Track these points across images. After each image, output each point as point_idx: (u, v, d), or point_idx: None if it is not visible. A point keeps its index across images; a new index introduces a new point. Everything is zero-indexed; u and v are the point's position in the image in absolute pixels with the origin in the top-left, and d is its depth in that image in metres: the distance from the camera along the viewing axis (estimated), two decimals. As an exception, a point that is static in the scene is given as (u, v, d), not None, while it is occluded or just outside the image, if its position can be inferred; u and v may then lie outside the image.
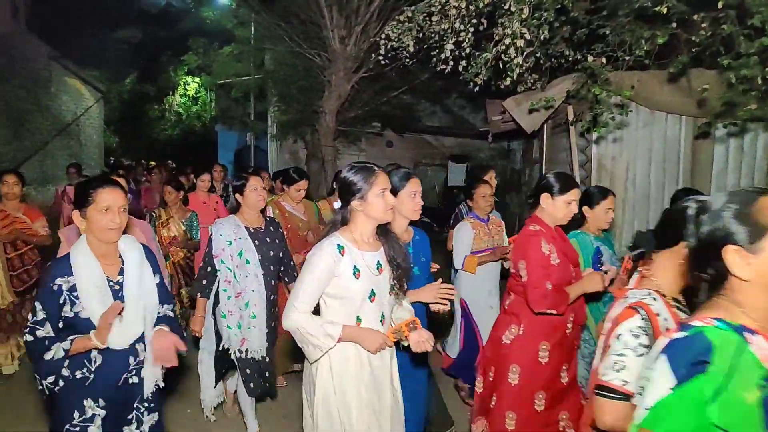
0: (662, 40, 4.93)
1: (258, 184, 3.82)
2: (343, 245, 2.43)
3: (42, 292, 2.35)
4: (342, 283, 2.42)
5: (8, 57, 11.79)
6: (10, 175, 4.94)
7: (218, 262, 3.69)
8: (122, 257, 2.50)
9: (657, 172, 6.52)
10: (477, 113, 13.51)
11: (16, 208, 4.92)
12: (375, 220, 2.49)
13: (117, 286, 2.43)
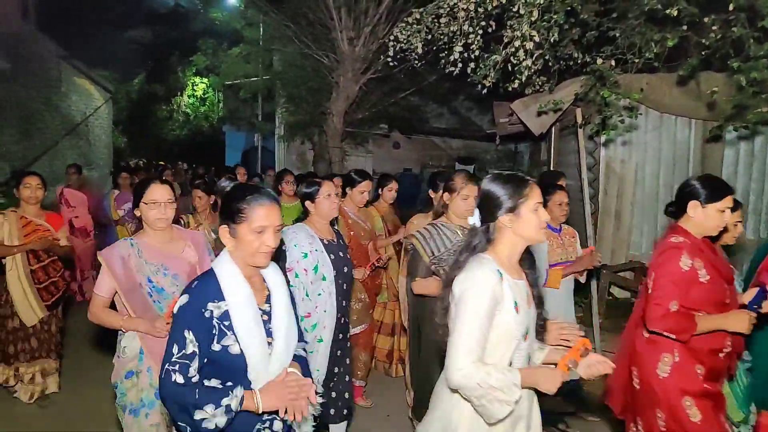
0: (672, 43, 4.92)
1: (332, 190, 3.42)
2: (501, 271, 2.04)
3: (190, 316, 1.92)
4: (503, 319, 2.02)
5: (19, 57, 11.86)
6: (33, 177, 4.45)
7: (292, 276, 3.26)
8: (266, 282, 2.14)
9: (666, 175, 6.50)
10: (484, 115, 13.48)
11: (37, 214, 4.45)
12: (525, 240, 2.12)
13: (266, 316, 2.06)
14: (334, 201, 3.42)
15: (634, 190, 6.61)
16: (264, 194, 2.01)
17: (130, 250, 2.79)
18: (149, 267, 2.80)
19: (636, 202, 6.61)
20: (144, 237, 2.87)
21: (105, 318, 2.80)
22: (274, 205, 2.01)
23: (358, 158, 13.52)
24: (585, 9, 5.43)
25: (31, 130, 12.80)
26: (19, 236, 4.30)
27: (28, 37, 12.15)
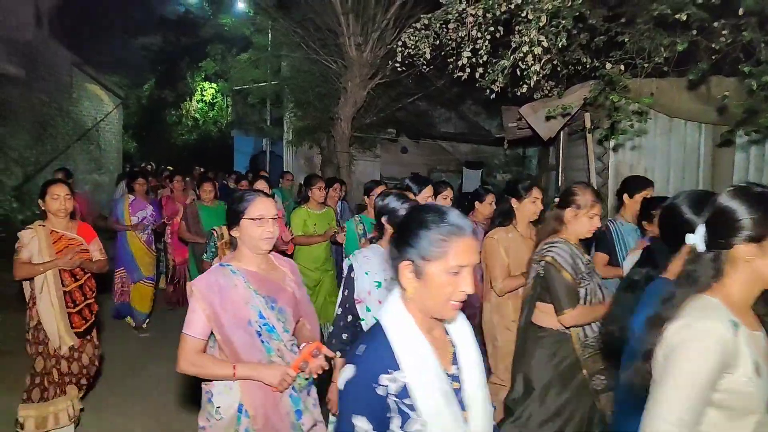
0: (682, 47, 4.89)
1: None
2: (736, 321, 1.56)
3: (360, 396, 1.45)
4: (734, 384, 1.53)
5: (33, 64, 11.98)
6: (60, 186, 4.00)
7: (362, 309, 2.80)
8: (449, 334, 1.65)
9: (676, 180, 6.47)
10: (492, 119, 13.47)
11: (67, 227, 3.98)
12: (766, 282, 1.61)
13: (456, 383, 1.58)
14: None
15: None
16: (462, 222, 1.50)
17: (234, 279, 2.33)
18: (259, 299, 2.35)
19: (645, 207, 6.58)
20: (242, 262, 2.41)
21: (207, 366, 2.27)
22: (473, 240, 1.52)
23: (366, 163, 13.55)
24: (593, 14, 5.42)
25: (44, 136, 12.91)
26: (50, 254, 3.80)
27: (41, 45, 12.27)
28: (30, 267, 3.75)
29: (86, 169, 15.04)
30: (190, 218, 6.31)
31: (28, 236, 3.81)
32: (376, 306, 2.72)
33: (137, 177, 7.30)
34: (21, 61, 9.85)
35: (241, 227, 2.36)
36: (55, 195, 3.89)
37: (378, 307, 2.66)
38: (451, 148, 14.62)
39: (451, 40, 6.03)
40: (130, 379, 5.24)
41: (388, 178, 13.98)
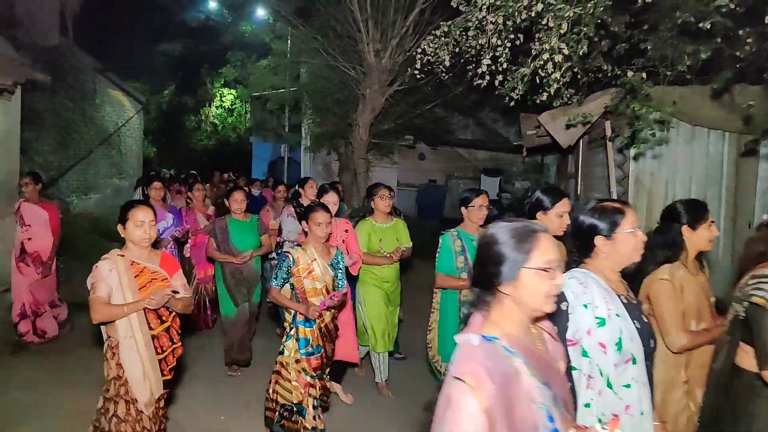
0: (705, 56, 4.84)
1: (635, 220, 2.27)
2: None
3: None
4: None
5: (57, 70, 12.17)
6: (145, 211, 3.30)
7: (576, 353, 2.13)
8: None
9: (698, 190, 6.38)
10: (510, 127, 13.44)
11: (150, 258, 3.35)
12: None
13: None
14: (639, 237, 2.25)
15: (665, 203, 6.49)
16: None
17: (510, 360, 1.55)
18: (544, 391, 1.58)
19: (666, 216, 6.50)
20: (506, 327, 1.63)
21: None
22: None
23: (383, 169, 13.57)
24: (615, 21, 5.38)
25: (67, 140, 13.11)
26: (133, 290, 3.21)
27: (66, 51, 12.48)
28: (112, 308, 3.15)
29: (107, 174, 15.24)
30: (219, 234, 5.46)
31: (107, 269, 3.19)
32: (599, 352, 2.10)
33: (153, 181, 6.80)
34: (46, 68, 10.00)
35: (520, 281, 1.59)
36: (140, 221, 3.24)
37: (601, 353, 2.09)
38: (469, 155, 14.60)
39: (470, 48, 6.03)
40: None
41: (405, 184, 13.99)
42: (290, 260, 3.94)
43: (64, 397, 4.71)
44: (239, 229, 5.50)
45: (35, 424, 4.31)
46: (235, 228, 5.48)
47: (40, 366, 5.46)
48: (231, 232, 5.45)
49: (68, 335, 6.43)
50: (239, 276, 5.48)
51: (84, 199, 13.98)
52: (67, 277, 8.46)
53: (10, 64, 6.48)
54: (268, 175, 16.42)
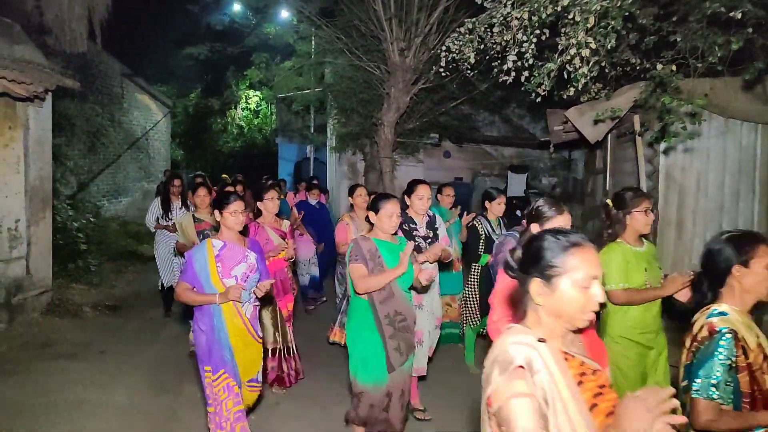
0: (737, 46, 4.77)
1: None
2: None
3: None
4: None
5: (87, 75, 12.46)
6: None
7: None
8: None
9: (731, 183, 6.28)
10: (537, 123, 13.33)
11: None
12: None
13: None
14: None
15: (697, 198, 6.42)
16: None
17: None
18: None
19: (698, 210, 6.41)
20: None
21: None
22: None
23: (409, 168, 13.57)
24: (643, 13, 5.32)
25: (96, 145, 13.40)
26: None
27: (94, 57, 12.76)
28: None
29: (136, 177, 15.54)
30: (369, 259, 3.67)
31: None
32: None
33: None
34: (76, 74, 10.25)
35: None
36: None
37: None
38: (495, 152, 14.51)
39: (495, 44, 6.00)
40: None
41: (431, 182, 13.98)
42: None
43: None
44: (390, 252, 3.74)
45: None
46: (385, 251, 3.74)
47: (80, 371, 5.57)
48: (385, 258, 3.71)
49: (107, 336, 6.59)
50: (401, 322, 3.67)
51: (114, 203, 14.27)
52: (100, 279, 8.69)
53: (41, 71, 6.65)
54: (294, 177, 16.56)
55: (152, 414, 4.55)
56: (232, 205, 3.65)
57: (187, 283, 3.61)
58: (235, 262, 3.63)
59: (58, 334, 6.40)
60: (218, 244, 3.63)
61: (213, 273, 3.59)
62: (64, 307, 7.16)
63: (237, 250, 3.67)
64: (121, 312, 7.53)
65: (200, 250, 3.63)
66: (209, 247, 3.63)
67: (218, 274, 3.58)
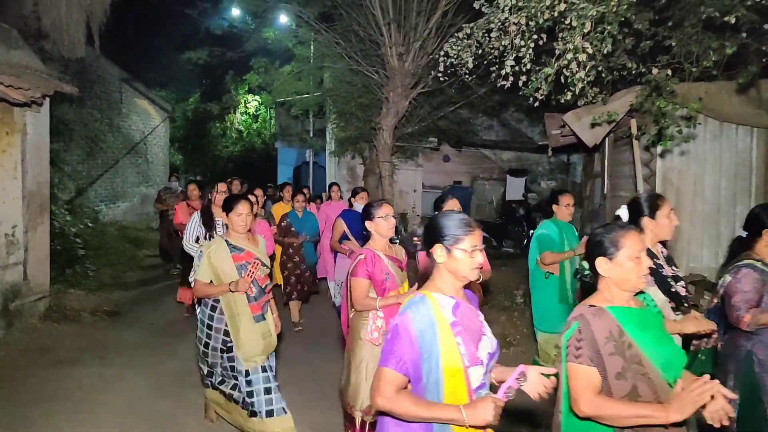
0: (731, 51, 4.79)
1: None
2: None
3: None
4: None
5: (85, 81, 12.49)
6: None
7: None
8: None
9: (728, 186, 6.32)
10: (535, 126, 13.37)
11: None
12: None
13: None
14: None
15: (693, 201, 6.44)
16: None
17: None
18: None
19: (694, 213, 6.44)
20: None
21: None
22: None
23: (408, 172, 13.60)
24: (639, 18, 5.35)
25: (95, 150, 13.42)
26: None
27: (92, 62, 12.80)
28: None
29: (134, 182, 15.55)
30: None
31: None
32: None
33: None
34: (74, 79, 10.29)
35: None
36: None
37: None
38: (494, 155, 14.55)
39: (493, 49, 6.02)
40: None
41: (430, 186, 14.01)
42: None
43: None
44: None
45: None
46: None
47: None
48: None
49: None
50: None
51: (113, 208, 14.28)
52: (99, 285, 8.68)
53: (39, 77, 6.65)
54: (293, 181, 16.57)
55: (153, 420, 4.54)
56: None
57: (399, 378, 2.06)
58: (478, 333, 2.15)
59: (56, 340, 6.39)
60: (448, 303, 2.14)
61: (454, 360, 2.06)
62: (62, 312, 7.15)
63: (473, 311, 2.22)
64: (120, 317, 7.51)
65: (420, 312, 2.10)
66: (436, 309, 2.12)
67: (463, 362, 2.07)
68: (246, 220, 3.88)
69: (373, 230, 3.75)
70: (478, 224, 2.17)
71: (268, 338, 4.00)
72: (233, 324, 3.88)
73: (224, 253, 3.89)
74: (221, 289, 3.83)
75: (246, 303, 3.90)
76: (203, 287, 3.91)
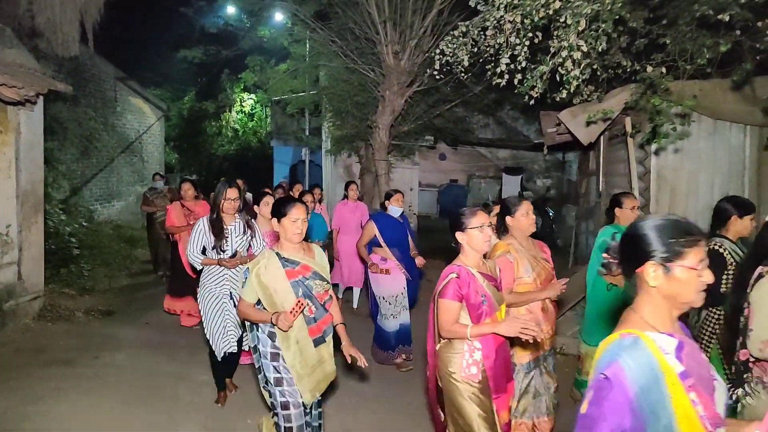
0: (725, 48, 4.82)
1: None
2: None
3: None
4: None
5: (79, 79, 12.44)
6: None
7: None
8: None
9: (722, 183, 6.34)
10: (531, 125, 13.39)
11: None
12: None
13: None
14: None
15: (687, 198, 6.46)
16: None
17: None
18: None
19: (688, 210, 6.46)
20: None
21: None
22: None
23: (404, 170, 13.60)
24: (634, 16, 5.36)
25: (90, 149, 13.37)
26: None
27: (87, 61, 12.74)
28: None
29: (129, 181, 15.50)
30: None
31: None
32: None
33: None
34: (68, 78, 10.25)
35: None
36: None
37: None
38: (490, 154, 14.58)
39: (489, 47, 6.03)
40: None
41: (426, 185, 14.02)
42: None
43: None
44: None
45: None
46: None
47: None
48: None
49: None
50: None
51: (107, 207, 14.24)
52: (93, 284, 8.66)
53: (32, 75, 6.63)
54: (289, 180, 16.55)
55: (148, 420, 4.53)
56: None
57: None
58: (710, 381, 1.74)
59: (50, 340, 6.36)
60: (670, 345, 1.64)
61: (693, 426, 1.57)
62: (56, 312, 7.12)
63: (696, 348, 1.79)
64: (115, 317, 7.49)
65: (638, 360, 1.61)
66: (657, 355, 1.62)
67: (705, 426, 1.58)
68: (302, 228, 3.32)
69: (464, 243, 3.21)
70: (702, 232, 1.71)
71: (328, 362, 3.51)
72: (286, 348, 3.35)
73: (276, 269, 3.33)
74: (262, 317, 3.32)
75: (304, 326, 3.38)
76: (247, 309, 3.39)
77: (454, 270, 3.15)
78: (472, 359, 3.11)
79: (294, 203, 3.35)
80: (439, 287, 3.15)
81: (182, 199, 7.05)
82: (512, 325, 2.95)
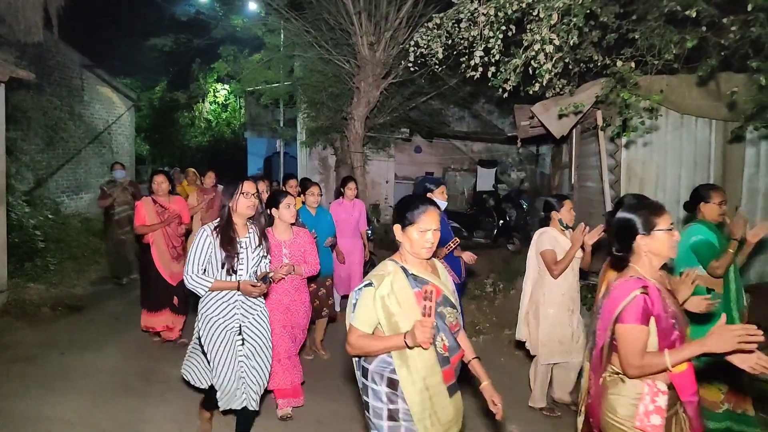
0: (691, 44, 4.90)
1: None
2: None
3: None
4: None
5: (43, 67, 12.11)
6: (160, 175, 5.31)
7: None
8: None
9: (688, 176, 6.47)
10: (505, 118, 13.47)
11: None
12: None
13: None
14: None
15: (656, 191, 6.57)
16: None
17: None
18: None
19: (658, 204, 6.57)
20: None
21: None
22: None
23: (380, 163, 13.58)
24: (605, 11, 5.42)
25: (55, 139, 13.02)
26: None
27: (51, 47, 12.38)
28: None
29: (98, 173, 15.16)
30: None
31: None
32: None
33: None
34: (31, 65, 9.98)
35: None
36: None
37: None
38: (465, 146, 14.62)
39: (463, 39, 6.04)
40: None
41: (402, 177, 14.02)
42: None
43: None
44: None
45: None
46: None
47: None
48: None
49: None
50: None
51: (75, 199, 13.92)
52: (60, 279, 8.47)
53: (-6, 63, 6.43)
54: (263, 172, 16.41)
55: (118, 417, 4.46)
56: None
57: None
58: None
59: (14, 337, 6.20)
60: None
61: None
62: (21, 308, 6.95)
63: None
64: (83, 312, 7.32)
65: None
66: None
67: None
68: (435, 239, 2.46)
69: (646, 250, 2.49)
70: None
71: (459, 419, 2.61)
72: (412, 400, 2.42)
73: (404, 289, 2.45)
74: (393, 344, 2.40)
75: (436, 368, 2.46)
76: (363, 341, 2.46)
77: (636, 285, 2.41)
78: (652, 405, 2.37)
79: (427, 207, 2.46)
80: (617, 308, 2.40)
81: (153, 194, 6.06)
82: (724, 336, 2.13)
